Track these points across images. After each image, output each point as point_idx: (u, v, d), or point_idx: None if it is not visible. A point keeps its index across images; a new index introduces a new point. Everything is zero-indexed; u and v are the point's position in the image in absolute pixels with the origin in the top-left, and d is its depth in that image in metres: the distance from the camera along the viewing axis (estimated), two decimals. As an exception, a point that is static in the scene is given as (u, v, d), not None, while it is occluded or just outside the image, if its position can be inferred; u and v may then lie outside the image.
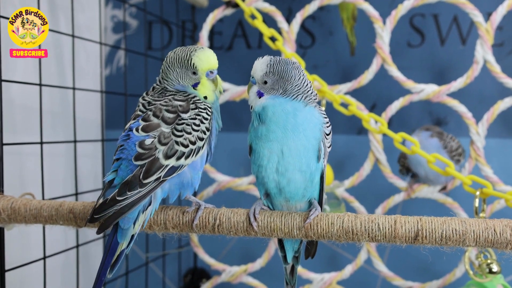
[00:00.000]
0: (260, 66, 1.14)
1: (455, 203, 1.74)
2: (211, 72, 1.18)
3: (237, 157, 2.15)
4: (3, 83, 1.38)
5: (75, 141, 1.73)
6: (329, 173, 1.74)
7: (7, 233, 1.36)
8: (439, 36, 2.03)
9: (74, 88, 1.75)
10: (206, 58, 1.17)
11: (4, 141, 1.39)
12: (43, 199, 1.51)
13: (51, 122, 1.88)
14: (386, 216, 1.10)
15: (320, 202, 1.18)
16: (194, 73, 1.17)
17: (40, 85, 1.55)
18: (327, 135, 1.15)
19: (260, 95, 1.14)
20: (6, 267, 1.40)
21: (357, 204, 1.80)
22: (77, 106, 1.87)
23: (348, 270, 1.81)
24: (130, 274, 2.03)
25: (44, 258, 1.54)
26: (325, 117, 1.16)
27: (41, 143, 1.55)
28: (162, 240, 2.14)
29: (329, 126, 1.16)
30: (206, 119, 1.16)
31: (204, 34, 1.86)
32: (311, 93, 1.15)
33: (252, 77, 1.16)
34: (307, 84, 1.15)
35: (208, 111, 1.17)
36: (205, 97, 1.19)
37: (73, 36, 1.75)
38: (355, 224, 1.10)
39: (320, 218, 1.12)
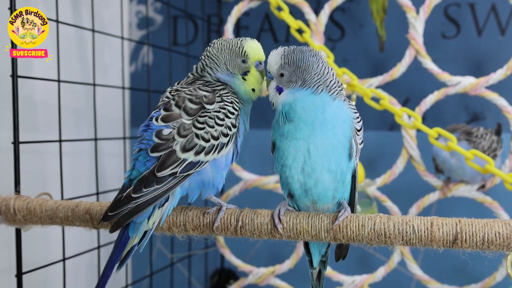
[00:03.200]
0: (274, 58, 1.07)
1: (494, 202, 1.65)
2: (260, 63, 1.15)
3: (264, 155, 2.09)
4: (23, 80, 1.35)
5: (95, 139, 1.69)
6: (360, 171, 1.67)
7: (31, 234, 1.32)
8: (476, 26, 1.94)
9: (94, 84, 1.71)
10: (257, 47, 1.14)
11: (24, 139, 1.36)
12: (62, 199, 1.48)
13: (75, 120, 1.85)
14: (422, 218, 1.02)
15: (352, 203, 1.10)
16: (244, 61, 1.13)
17: (59, 81, 1.52)
18: (358, 131, 1.08)
19: (279, 90, 1.07)
20: (30, 267, 1.37)
21: (390, 203, 1.72)
22: (102, 104, 1.84)
23: (380, 273, 1.74)
24: (156, 274, 1.99)
25: (64, 260, 1.50)
26: (355, 112, 1.08)
27: (60, 141, 1.52)
28: (187, 240, 2.10)
29: (360, 121, 1.09)
30: (233, 113, 1.09)
31: (229, 27, 1.80)
32: (334, 83, 1.06)
33: (269, 72, 1.09)
34: (328, 73, 1.06)
35: (235, 105, 1.10)
36: (253, 90, 1.15)
37: (93, 31, 1.71)
38: (388, 226, 1.02)
39: (349, 220, 1.05)
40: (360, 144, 1.09)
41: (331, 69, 1.08)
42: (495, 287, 1.66)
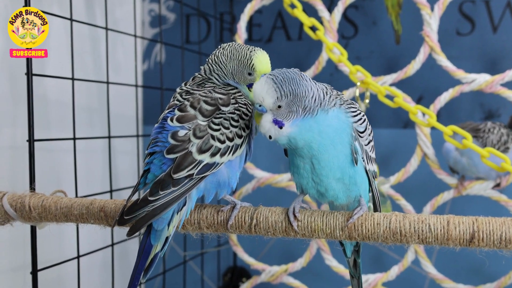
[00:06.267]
0: (266, 91, 0.98)
1: (510, 201, 1.63)
2: None
3: (277, 153, 2.09)
4: (36, 78, 1.35)
5: (109, 137, 1.69)
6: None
7: (45, 232, 1.33)
8: (491, 23, 1.92)
9: (108, 82, 1.71)
10: (265, 61, 1.11)
11: (38, 137, 1.36)
12: (76, 196, 1.48)
13: (89, 118, 1.85)
14: (438, 216, 1.01)
15: (374, 197, 1.12)
16: (250, 73, 1.10)
17: (73, 79, 1.52)
18: (361, 132, 1.04)
19: (280, 125, 1.00)
20: (44, 265, 1.38)
21: (404, 201, 1.71)
22: (116, 102, 1.84)
23: (394, 271, 1.73)
24: (168, 272, 1.99)
25: (78, 257, 1.51)
26: (354, 115, 1.04)
27: (74, 139, 1.52)
28: (200, 238, 2.10)
29: (363, 122, 1.05)
30: (246, 115, 1.08)
31: (241, 25, 1.79)
32: (325, 94, 1.02)
33: (260, 105, 1.00)
34: (318, 89, 1.01)
35: (249, 107, 1.09)
36: None
37: (106, 29, 1.71)
38: (404, 224, 1.01)
39: (365, 218, 1.04)
40: (366, 145, 1.07)
41: (316, 83, 1.03)
42: (511, 287, 1.64)
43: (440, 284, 1.71)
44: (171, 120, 1.05)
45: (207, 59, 1.15)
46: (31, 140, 1.31)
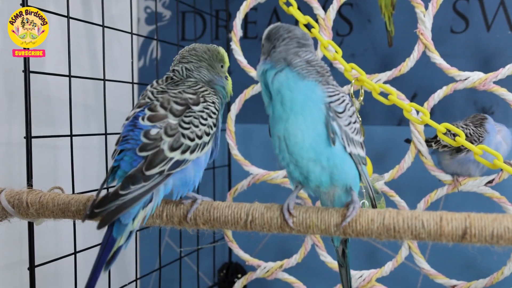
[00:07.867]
0: (267, 29, 1.13)
1: (503, 197, 1.65)
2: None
3: (272, 150, 2.10)
4: (33, 75, 1.36)
5: (105, 134, 1.70)
6: (367, 165, 1.67)
7: (41, 228, 1.34)
8: (485, 21, 1.93)
9: (104, 80, 1.72)
10: (226, 54, 1.24)
11: (36, 134, 1.37)
12: (73, 193, 1.49)
13: (85, 115, 1.86)
14: (431, 212, 1.03)
15: (368, 194, 1.15)
16: (222, 66, 1.21)
17: (70, 76, 1.52)
18: (340, 113, 1.05)
19: (260, 59, 1.13)
20: (42, 261, 1.38)
21: (398, 198, 1.72)
22: (112, 99, 1.84)
23: (388, 267, 1.74)
24: (164, 268, 2.00)
25: (75, 253, 1.51)
26: (331, 94, 1.06)
27: (71, 135, 1.53)
28: (196, 234, 2.10)
29: (341, 102, 1.07)
30: (214, 113, 1.14)
31: (237, 22, 1.80)
32: (303, 63, 1.07)
33: None
34: (296, 53, 1.08)
35: (216, 105, 1.15)
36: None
37: (103, 26, 1.71)
38: (397, 221, 1.03)
39: (359, 215, 1.05)
40: (346, 125, 1.06)
41: (310, 53, 1.09)
42: (503, 282, 1.66)
43: (433, 280, 1.72)
44: (142, 119, 1.09)
45: (173, 63, 1.23)
46: (28, 137, 1.32)
